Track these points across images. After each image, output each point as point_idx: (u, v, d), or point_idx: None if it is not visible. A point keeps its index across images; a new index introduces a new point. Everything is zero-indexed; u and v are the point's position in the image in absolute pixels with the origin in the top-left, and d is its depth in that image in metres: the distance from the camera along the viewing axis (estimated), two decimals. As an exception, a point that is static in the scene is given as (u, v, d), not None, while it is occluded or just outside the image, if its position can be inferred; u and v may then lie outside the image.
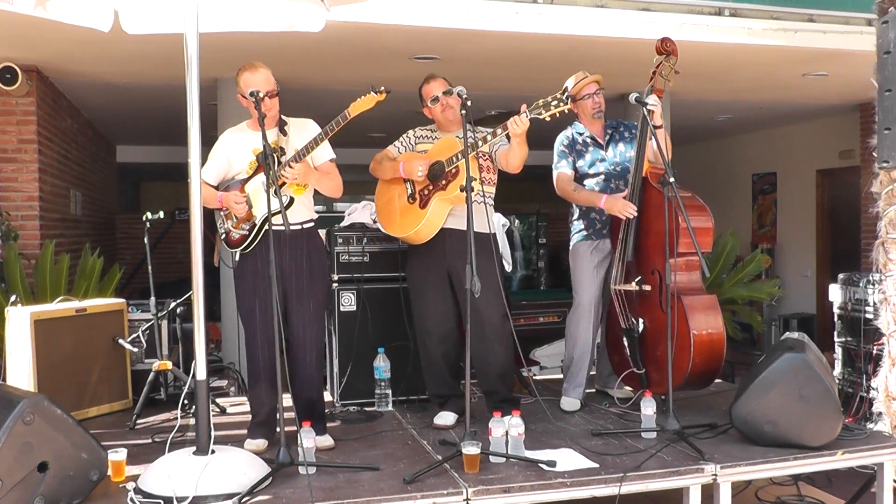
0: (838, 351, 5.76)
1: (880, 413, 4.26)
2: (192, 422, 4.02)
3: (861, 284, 5.49)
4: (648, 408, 3.93)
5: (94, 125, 9.52)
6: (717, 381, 4.54)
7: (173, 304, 5.03)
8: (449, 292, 4.22)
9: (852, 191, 9.33)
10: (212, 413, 3.68)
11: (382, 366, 4.56)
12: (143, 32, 3.85)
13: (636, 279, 4.28)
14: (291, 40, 5.45)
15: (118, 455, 3.37)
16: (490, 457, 3.51)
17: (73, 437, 3.11)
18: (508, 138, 4.00)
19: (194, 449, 3.31)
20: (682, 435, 3.73)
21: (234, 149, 3.90)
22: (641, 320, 4.31)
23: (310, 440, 3.45)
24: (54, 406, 3.10)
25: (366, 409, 4.58)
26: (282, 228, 3.49)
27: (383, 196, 4.35)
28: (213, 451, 3.28)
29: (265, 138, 3.52)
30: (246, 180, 3.86)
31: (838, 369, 5.70)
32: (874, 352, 5.08)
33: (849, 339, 5.66)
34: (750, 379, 3.84)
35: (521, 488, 3.27)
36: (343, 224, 4.93)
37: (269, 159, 3.51)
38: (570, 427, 4.17)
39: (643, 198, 4.30)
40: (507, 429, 3.52)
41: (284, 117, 3.92)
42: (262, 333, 3.79)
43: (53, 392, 3.76)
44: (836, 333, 5.81)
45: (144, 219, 4.82)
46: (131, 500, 3.10)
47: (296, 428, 3.53)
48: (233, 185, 3.90)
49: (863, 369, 5.39)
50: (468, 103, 3.69)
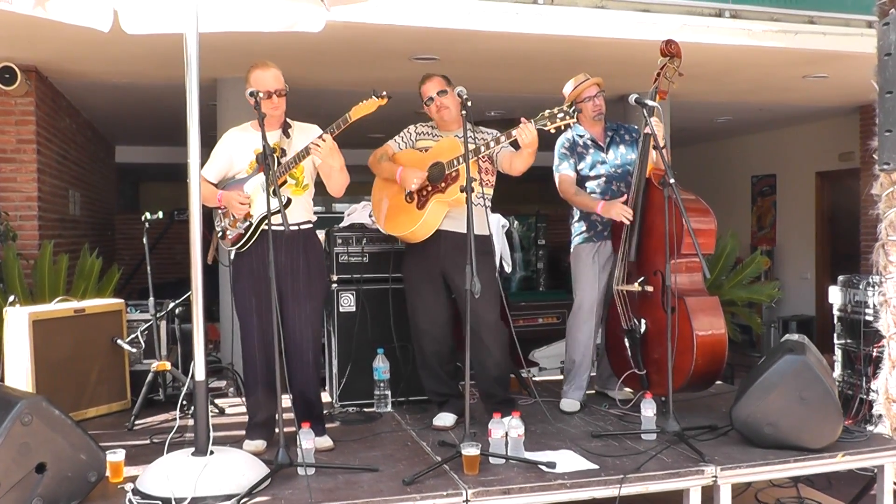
0: (838, 353, 5.76)
1: (880, 415, 4.26)
2: (191, 422, 4.00)
3: (861, 287, 5.49)
4: (648, 409, 3.92)
5: (93, 125, 9.51)
6: (717, 382, 4.54)
7: (172, 305, 5.02)
8: (443, 293, 4.21)
9: (852, 193, 9.34)
10: (210, 414, 3.67)
11: (382, 366, 4.55)
12: (142, 32, 3.85)
13: (639, 280, 4.28)
14: (291, 40, 5.44)
15: (116, 456, 3.36)
16: (490, 458, 3.50)
17: (71, 438, 3.10)
18: (514, 144, 3.99)
19: (193, 450, 3.30)
20: (682, 436, 3.73)
21: (237, 148, 3.90)
22: (643, 321, 4.30)
23: (309, 441, 3.43)
24: (52, 407, 3.09)
25: (365, 409, 4.57)
26: (279, 228, 3.48)
27: (380, 192, 4.32)
28: (212, 452, 3.28)
29: (265, 138, 3.52)
30: (245, 180, 3.85)
31: (838, 371, 5.70)
32: (874, 354, 5.08)
33: (848, 341, 5.66)
34: (750, 381, 3.84)
35: (521, 490, 3.27)
36: (342, 224, 4.92)
37: (269, 159, 3.51)
38: (570, 428, 4.16)
39: (646, 199, 4.30)
40: (507, 430, 3.51)
41: (290, 120, 3.92)
42: (258, 333, 3.80)
43: (52, 393, 3.75)
44: (835, 335, 5.82)
45: (143, 219, 4.81)
46: (129, 501, 3.09)
47: (295, 429, 3.52)
48: (231, 185, 3.90)
49: (863, 371, 5.39)
50: (468, 104, 3.69)
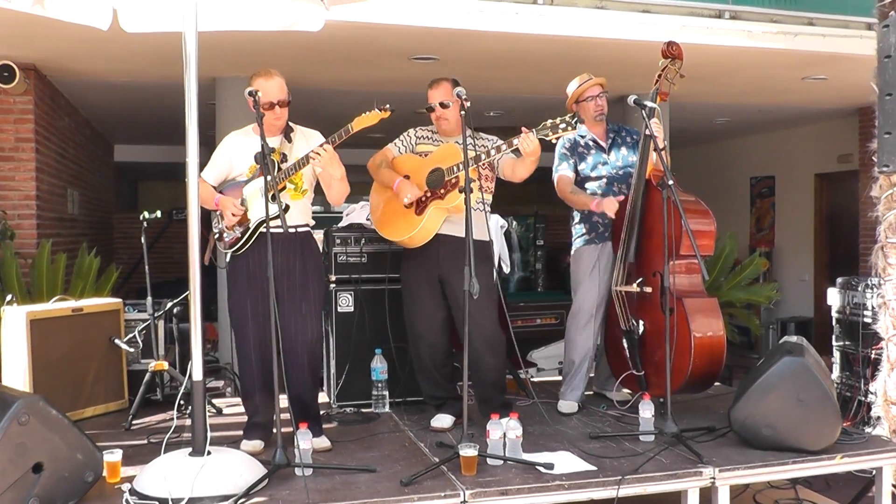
0: (836, 355, 5.76)
1: (879, 417, 4.25)
2: (188, 422, 4.00)
3: (860, 288, 5.49)
4: (647, 411, 3.91)
5: (91, 124, 9.50)
6: (715, 384, 4.53)
7: (170, 305, 5.02)
8: (440, 298, 4.19)
9: (851, 195, 9.34)
10: (208, 414, 3.66)
11: (380, 367, 4.55)
12: (141, 31, 3.84)
13: (637, 281, 4.28)
14: (291, 40, 5.44)
15: (113, 456, 3.35)
16: (487, 459, 3.50)
17: (68, 438, 3.09)
18: (515, 152, 3.98)
19: (190, 450, 3.29)
20: (681, 438, 3.72)
21: (237, 151, 3.89)
22: (641, 322, 4.30)
23: (306, 442, 3.43)
24: (49, 406, 3.08)
25: (363, 410, 4.56)
26: (276, 231, 3.47)
27: (379, 196, 4.31)
28: (210, 453, 3.27)
29: (263, 138, 3.52)
30: (245, 183, 3.85)
31: (836, 373, 5.69)
32: (873, 356, 5.07)
33: (847, 342, 5.65)
34: (748, 382, 3.83)
35: (519, 491, 3.26)
36: (341, 225, 4.91)
37: (267, 160, 3.50)
38: (568, 430, 4.16)
39: (646, 200, 4.29)
40: (505, 431, 3.51)
41: (292, 124, 3.91)
42: (254, 335, 3.79)
43: (49, 392, 3.75)
44: (834, 337, 5.81)
45: (142, 218, 4.80)
46: (127, 501, 3.09)
47: (292, 429, 3.52)
48: (229, 188, 3.90)
49: (861, 373, 5.39)
50: (467, 104, 3.68)
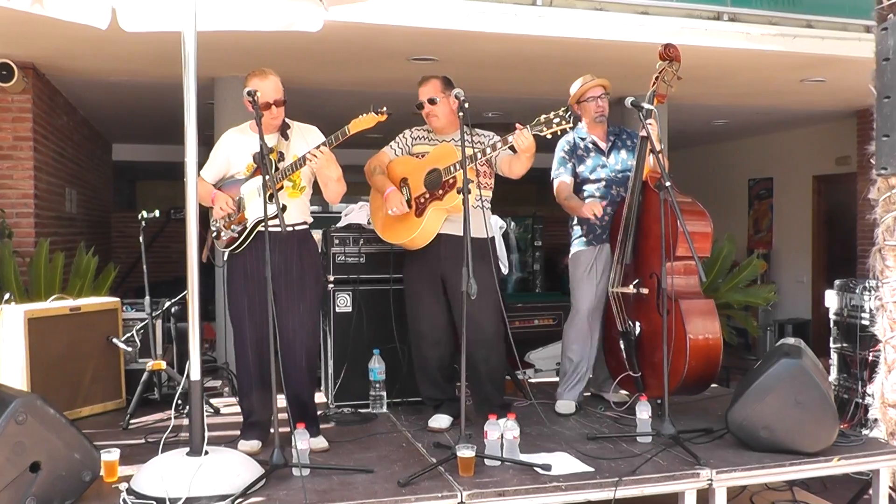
0: (834, 357, 5.76)
1: (876, 419, 4.25)
2: (186, 422, 3.99)
3: (857, 291, 5.49)
4: (644, 412, 3.92)
5: (90, 123, 9.49)
6: (712, 385, 4.53)
7: (168, 304, 5.01)
8: (443, 297, 4.19)
9: (849, 197, 9.35)
10: (205, 413, 3.66)
11: (378, 367, 4.55)
12: (140, 30, 3.84)
13: (634, 282, 4.28)
14: (289, 40, 5.43)
15: (111, 455, 3.35)
16: (485, 460, 3.50)
17: (65, 437, 3.09)
18: (511, 149, 3.97)
19: (188, 450, 3.29)
20: (678, 439, 3.72)
21: (234, 150, 3.89)
22: (638, 323, 4.31)
23: (304, 442, 3.43)
24: (47, 406, 3.08)
25: (360, 410, 4.56)
26: (273, 230, 3.47)
27: (377, 200, 4.29)
28: (207, 452, 3.27)
29: (262, 138, 3.51)
30: (242, 182, 3.84)
31: (834, 375, 5.69)
32: (870, 358, 5.08)
33: (844, 345, 5.66)
34: (746, 384, 3.84)
35: (516, 492, 3.26)
36: (340, 225, 4.91)
37: (266, 160, 3.49)
38: (565, 431, 4.16)
39: (643, 202, 4.30)
40: (502, 432, 3.51)
41: (289, 121, 3.91)
42: (251, 334, 3.79)
43: (46, 391, 3.75)
44: (831, 339, 5.82)
45: (140, 217, 4.80)
46: (124, 500, 3.09)
47: (290, 429, 3.51)
48: (227, 186, 3.90)
49: (858, 375, 5.39)
50: (466, 105, 3.68)
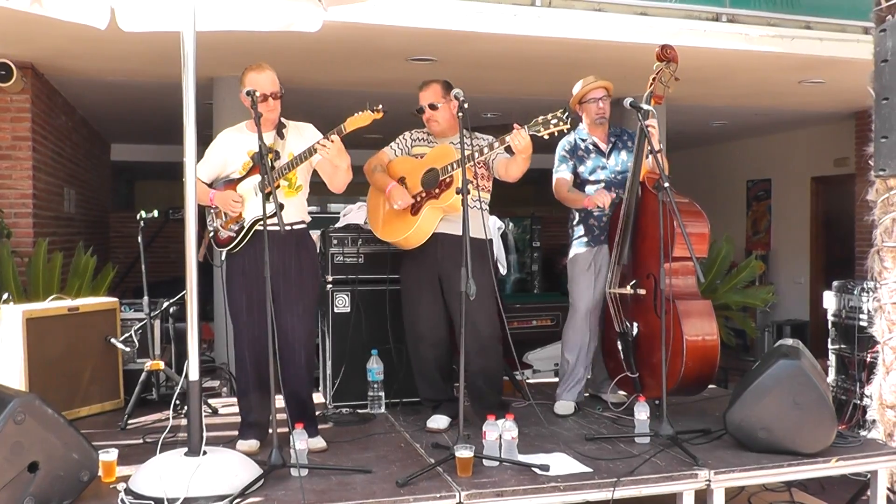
0: (832, 358, 5.77)
1: (874, 421, 4.26)
2: (184, 422, 4.00)
3: (855, 292, 5.49)
4: (642, 412, 3.91)
5: (88, 123, 9.49)
6: (710, 386, 4.53)
7: (166, 304, 5.01)
8: (440, 297, 4.19)
9: (847, 198, 9.35)
10: (203, 414, 3.66)
11: (376, 368, 4.55)
12: (139, 30, 3.84)
13: (631, 283, 4.28)
14: (288, 40, 5.43)
15: (109, 455, 3.35)
16: (483, 460, 3.50)
17: (64, 437, 3.08)
18: (508, 150, 3.98)
19: (186, 450, 3.29)
20: (676, 440, 3.73)
21: (230, 148, 3.89)
22: (636, 324, 4.31)
23: (302, 442, 3.43)
24: (45, 406, 3.07)
25: (358, 411, 4.56)
26: (271, 229, 3.47)
27: (376, 199, 4.32)
28: (205, 453, 3.27)
29: (261, 138, 3.50)
30: (238, 181, 3.84)
31: (832, 376, 5.70)
32: (868, 359, 5.09)
33: (843, 346, 5.66)
34: (744, 385, 3.84)
35: (514, 492, 3.26)
36: (338, 225, 4.91)
37: (264, 159, 3.49)
38: (564, 431, 4.16)
39: (640, 202, 4.31)
40: (501, 432, 3.51)
41: (284, 120, 3.91)
42: (249, 333, 3.79)
43: (45, 391, 3.74)
44: (829, 340, 5.82)
45: (138, 217, 4.80)
46: (122, 500, 3.09)
47: (288, 429, 3.52)
48: (220, 184, 3.89)
49: (856, 377, 5.39)
50: (465, 106, 3.68)
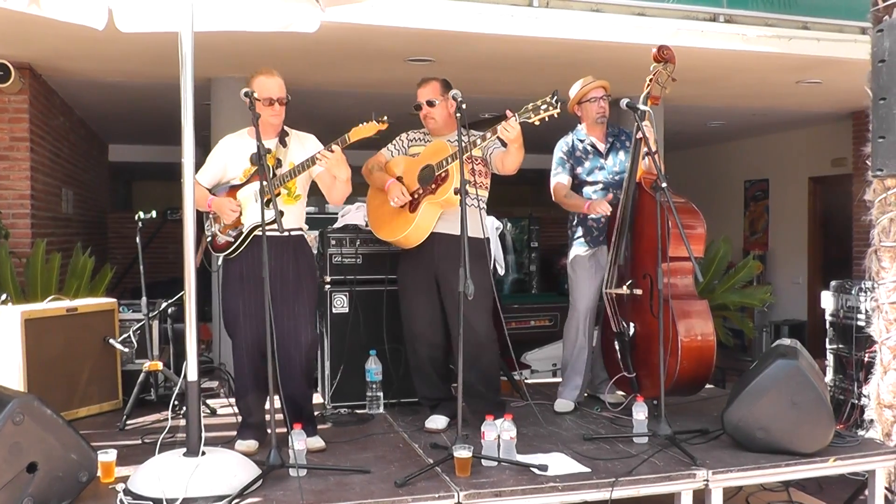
0: (830, 358, 5.77)
1: (872, 420, 4.26)
2: (183, 423, 4.00)
3: (853, 292, 5.50)
4: (640, 413, 3.92)
5: (86, 123, 9.48)
6: (708, 386, 4.54)
7: (164, 305, 5.01)
8: (436, 297, 4.19)
9: (844, 198, 9.37)
10: (202, 414, 3.66)
11: (374, 368, 4.55)
12: (137, 31, 3.84)
13: (627, 283, 4.29)
14: (286, 41, 5.43)
15: (108, 456, 3.35)
16: (482, 460, 3.50)
17: (62, 438, 3.08)
18: (503, 142, 3.99)
19: (184, 450, 3.29)
20: (674, 440, 3.73)
21: (232, 154, 3.90)
22: (632, 324, 4.31)
23: (300, 442, 3.43)
24: (44, 406, 3.07)
25: (357, 411, 4.56)
26: (270, 234, 3.47)
27: (374, 199, 4.33)
28: (204, 453, 3.27)
29: (259, 138, 3.51)
30: (238, 187, 3.84)
31: (830, 376, 5.70)
32: (866, 359, 5.09)
33: (840, 346, 5.67)
34: (742, 385, 3.84)
35: (513, 492, 3.27)
36: (336, 226, 4.92)
37: (263, 160, 3.49)
38: (562, 431, 4.16)
39: (636, 203, 4.31)
40: (499, 433, 3.51)
41: (287, 128, 3.92)
42: (246, 337, 3.78)
43: (43, 392, 3.73)
44: (827, 340, 5.82)
45: (137, 218, 4.80)
46: (121, 501, 3.08)
47: (286, 430, 3.51)
48: (221, 190, 3.89)
49: (854, 376, 5.40)
50: (463, 106, 3.68)
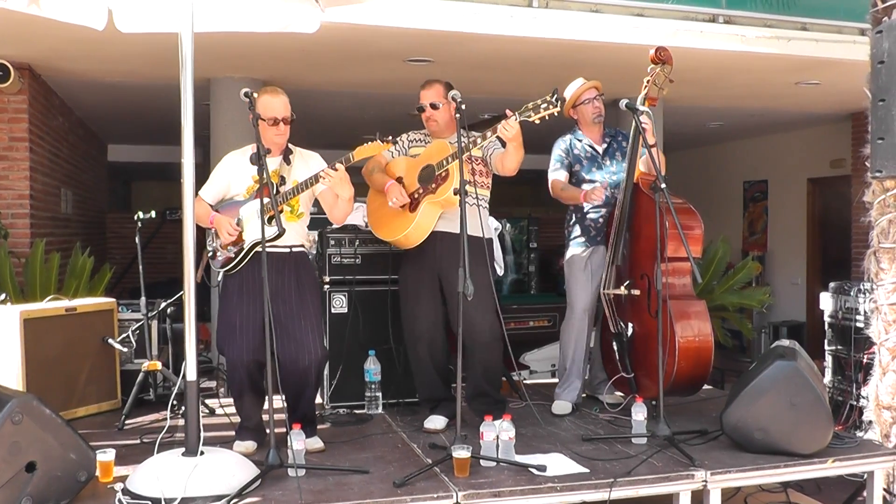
0: (828, 359, 5.78)
1: (870, 421, 4.26)
2: (181, 422, 4.00)
3: (852, 293, 5.50)
4: (639, 413, 3.92)
5: (85, 124, 9.48)
6: (706, 387, 4.54)
7: (163, 305, 5.01)
8: (439, 297, 4.20)
9: (843, 200, 9.37)
10: (201, 414, 3.66)
11: (373, 368, 4.55)
12: (136, 31, 3.84)
13: (625, 283, 4.29)
14: (286, 41, 5.44)
15: (106, 456, 3.35)
16: (480, 461, 3.50)
17: (61, 438, 3.09)
18: (503, 143, 3.99)
19: (183, 450, 3.29)
20: (673, 441, 3.73)
21: (235, 171, 3.89)
22: (630, 325, 4.32)
23: (299, 442, 3.43)
24: (43, 406, 3.08)
25: (356, 411, 4.57)
26: (271, 251, 3.47)
27: (374, 200, 4.34)
28: (202, 453, 3.27)
29: (259, 139, 3.51)
30: (241, 203, 3.84)
31: (828, 377, 5.71)
32: (865, 360, 5.10)
33: (839, 347, 5.67)
34: (741, 386, 3.84)
35: (512, 492, 3.27)
36: (335, 226, 4.91)
37: (263, 160, 3.49)
38: (561, 432, 4.17)
39: (634, 203, 4.32)
40: (498, 433, 3.51)
41: (292, 146, 3.93)
42: (242, 350, 3.73)
43: (42, 391, 3.73)
44: (826, 342, 5.83)
45: (136, 218, 4.80)
46: (119, 501, 3.08)
47: (285, 430, 3.51)
48: (225, 207, 3.89)
49: (853, 378, 5.40)
50: (462, 107, 3.68)
